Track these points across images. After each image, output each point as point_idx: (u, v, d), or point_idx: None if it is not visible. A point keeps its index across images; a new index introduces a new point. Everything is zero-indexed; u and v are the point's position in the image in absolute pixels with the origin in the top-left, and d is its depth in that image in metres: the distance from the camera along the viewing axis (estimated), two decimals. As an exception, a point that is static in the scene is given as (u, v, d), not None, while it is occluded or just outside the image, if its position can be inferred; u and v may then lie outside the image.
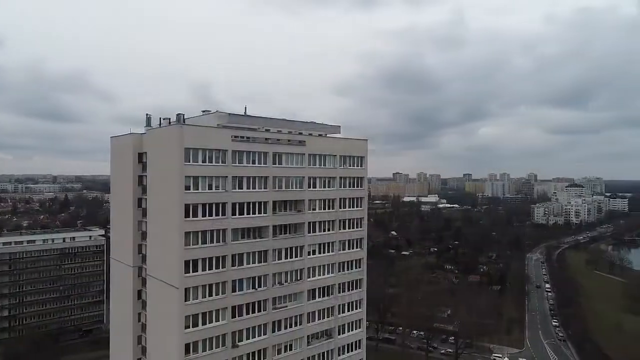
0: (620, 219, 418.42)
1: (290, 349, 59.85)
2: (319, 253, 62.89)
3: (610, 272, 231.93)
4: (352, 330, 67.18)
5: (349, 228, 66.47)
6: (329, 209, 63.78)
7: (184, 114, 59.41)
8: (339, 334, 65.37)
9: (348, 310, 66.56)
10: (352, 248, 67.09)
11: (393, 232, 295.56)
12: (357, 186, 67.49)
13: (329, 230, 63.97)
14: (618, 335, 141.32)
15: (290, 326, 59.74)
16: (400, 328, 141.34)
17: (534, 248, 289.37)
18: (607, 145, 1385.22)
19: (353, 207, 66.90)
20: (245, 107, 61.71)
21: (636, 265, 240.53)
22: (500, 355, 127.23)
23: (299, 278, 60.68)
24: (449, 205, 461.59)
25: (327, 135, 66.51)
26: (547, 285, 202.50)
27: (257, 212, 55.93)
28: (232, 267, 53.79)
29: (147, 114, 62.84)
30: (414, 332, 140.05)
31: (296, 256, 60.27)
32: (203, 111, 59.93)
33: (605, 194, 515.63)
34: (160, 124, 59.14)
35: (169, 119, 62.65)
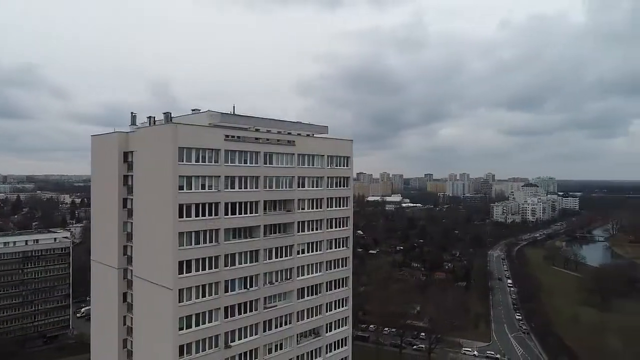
0: (572, 216, 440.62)
1: (281, 348, 60.12)
2: (308, 252, 63.43)
3: (566, 267, 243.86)
4: (338, 327, 68.06)
5: (336, 227, 67.35)
6: (317, 208, 64.43)
7: (170, 113, 58.90)
8: (327, 332, 66.11)
9: (335, 308, 67.42)
10: (339, 247, 68.01)
11: (359, 232, 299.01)
12: (343, 186, 68.47)
13: (317, 229, 64.62)
14: (576, 327, 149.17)
15: (281, 325, 60.02)
16: (373, 325, 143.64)
17: (494, 245, 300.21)
18: (558, 146, 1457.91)
19: (339, 206, 67.82)
20: (234, 106, 61.44)
21: (589, 261, 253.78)
22: (470, 349, 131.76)
23: (288, 277, 61.03)
24: (412, 205, 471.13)
25: (314, 135, 67.05)
26: (509, 281, 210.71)
27: (248, 212, 55.91)
28: (225, 267, 53.56)
29: (132, 113, 61.67)
30: (386, 329, 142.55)
31: (286, 255, 60.61)
32: (192, 110, 59.29)
33: (558, 193, 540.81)
34: (150, 122, 58.02)
35: (154, 117, 61.97)
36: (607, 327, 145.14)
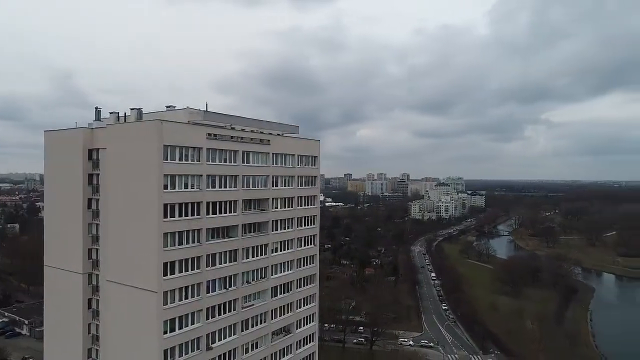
0: (479, 213, 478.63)
1: (257, 347, 60.17)
2: (281, 250, 64.02)
3: (479, 260, 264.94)
4: (307, 324, 69.41)
5: (305, 225, 68.58)
6: (288, 207, 65.20)
7: (141, 108, 56.53)
8: (297, 329, 67.10)
9: (304, 305, 68.67)
10: (308, 245, 69.44)
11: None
12: (312, 185, 69.92)
13: (288, 228, 65.39)
14: (495, 314, 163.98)
15: (257, 324, 60.06)
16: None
17: (415, 241, 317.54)
18: (465, 148, 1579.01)
19: (308, 205, 69.18)
20: (207, 104, 60.05)
21: (499, 254, 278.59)
22: (406, 340, 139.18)
23: (263, 276, 61.17)
24: (334, 204, 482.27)
25: (284, 134, 67.56)
26: (432, 274, 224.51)
27: (228, 212, 55.33)
28: (207, 268, 52.62)
29: (96, 107, 57.97)
30: (326, 325, 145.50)
31: (261, 254, 60.71)
32: (167, 107, 57.08)
33: (467, 192, 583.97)
34: (126, 118, 55.08)
35: (117, 113, 59.03)
36: (519, 312, 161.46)
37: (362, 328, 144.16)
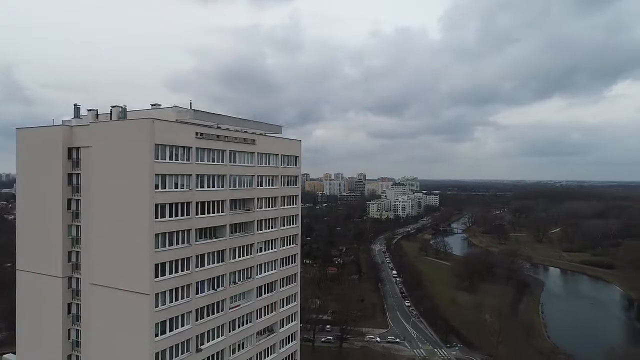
0: (434, 212, 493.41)
1: (243, 347, 59.89)
2: (265, 250, 63.99)
3: (437, 257, 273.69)
4: (289, 323, 69.59)
5: (288, 225, 68.79)
6: (272, 207, 65.26)
7: (125, 106, 55.10)
8: (280, 328, 67.23)
9: (287, 304, 68.88)
10: (290, 244, 69.62)
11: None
12: (294, 184, 70.27)
13: (272, 227, 65.44)
14: (456, 308, 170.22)
15: (243, 324, 59.79)
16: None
17: (374, 240, 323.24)
18: (419, 149, 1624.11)
19: (290, 204, 69.46)
20: (190, 102, 59.11)
21: (455, 251, 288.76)
22: (373, 336, 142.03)
23: (249, 276, 60.96)
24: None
25: (266, 134, 67.47)
26: (394, 272, 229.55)
27: (216, 212, 54.82)
28: (196, 269, 51.94)
29: (75, 104, 55.82)
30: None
31: (247, 254, 60.47)
32: (152, 105, 55.76)
33: (422, 191, 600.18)
34: (111, 116, 53.29)
35: (96, 110, 57.34)
36: (478, 306, 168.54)
37: (329, 327, 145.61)
